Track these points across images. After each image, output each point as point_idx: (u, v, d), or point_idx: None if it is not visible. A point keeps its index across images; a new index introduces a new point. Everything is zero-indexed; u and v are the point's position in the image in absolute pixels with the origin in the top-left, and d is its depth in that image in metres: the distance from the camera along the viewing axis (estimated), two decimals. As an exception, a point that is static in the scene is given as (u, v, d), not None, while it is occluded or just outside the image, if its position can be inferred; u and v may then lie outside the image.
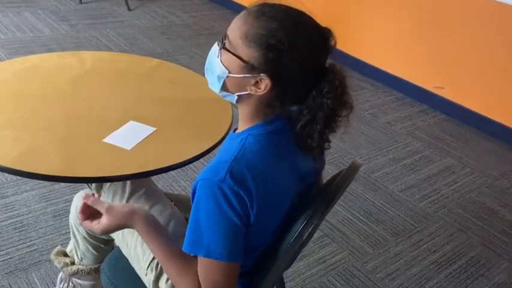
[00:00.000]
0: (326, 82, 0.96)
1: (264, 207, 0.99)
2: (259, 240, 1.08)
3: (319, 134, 0.98)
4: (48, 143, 1.29)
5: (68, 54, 1.81)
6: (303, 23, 0.96)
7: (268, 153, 1.00)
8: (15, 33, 3.78)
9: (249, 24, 0.95)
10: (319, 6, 1.04)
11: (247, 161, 0.97)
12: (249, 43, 0.94)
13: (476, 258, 2.23)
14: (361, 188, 2.59)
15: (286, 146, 1.04)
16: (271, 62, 0.94)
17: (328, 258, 2.11)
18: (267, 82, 0.95)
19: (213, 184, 0.94)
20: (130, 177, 1.28)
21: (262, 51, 0.93)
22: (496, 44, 3.14)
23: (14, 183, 2.25)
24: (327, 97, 0.96)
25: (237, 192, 0.94)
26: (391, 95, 3.72)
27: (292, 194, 1.07)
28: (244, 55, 0.95)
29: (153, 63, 1.81)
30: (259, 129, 1.02)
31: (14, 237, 1.96)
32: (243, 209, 0.95)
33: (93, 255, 1.56)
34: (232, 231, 0.96)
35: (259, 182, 0.96)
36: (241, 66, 0.96)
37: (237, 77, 0.98)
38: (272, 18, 0.94)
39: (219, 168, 0.95)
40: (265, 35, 0.93)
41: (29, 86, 1.54)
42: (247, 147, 0.99)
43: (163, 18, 4.54)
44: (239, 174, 0.95)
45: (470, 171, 2.89)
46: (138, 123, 1.41)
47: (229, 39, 0.97)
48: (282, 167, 1.03)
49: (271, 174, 1.00)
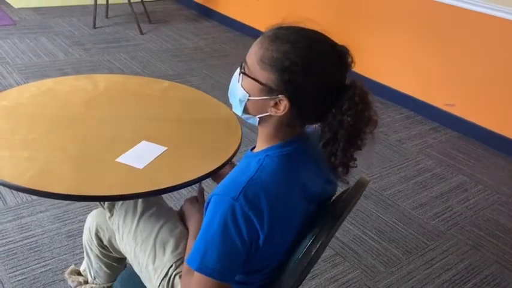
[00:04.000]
0: (345, 99, 0.97)
1: (275, 229, 1.00)
2: (270, 260, 1.09)
3: (342, 151, 0.99)
4: (62, 163, 1.32)
5: (82, 77, 1.86)
6: (317, 42, 0.99)
7: (283, 175, 1.02)
8: (32, 58, 3.89)
9: (264, 49, 0.98)
10: (327, 25, 1.06)
11: (263, 182, 0.98)
12: (265, 66, 0.98)
13: (491, 277, 2.20)
14: (373, 206, 2.58)
15: (300, 168, 1.05)
16: (288, 83, 0.96)
17: (340, 277, 2.10)
18: (285, 103, 0.98)
19: (225, 201, 0.96)
20: (142, 196, 1.30)
21: (278, 73, 0.96)
22: (506, 60, 3.14)
23: (29, 204, 2.29)
24: (347, 114, 0.96)
25: (247, 215, 0.95)
26: (401, 113, 3.73)
27: (304, 213, 1.08)
28: (262, 78, 0.98)
29: (165, 85, 1.85)
30: (276, 150, 1.04)
31: (29, 257, 1.99)
32: (249, 234, 0.97)
33: (106, 274, 1.57)
34: (231, 253, 0.98)
35: (272, 204, 0.98)
36: (260, 89, 1.00)
37: (257, 99, 1.01)
38: (286, 41, 0.97)
39: (234, 186, 0.97)
40: (280, 58, 0.96)
41: (44, 108, 1.59)
42: (265, 169, 1.00)
43: (174, 42, 4.63)
44: (253, 195, 0.96)
45: (483, 188, 2.87)
46: (150, 143, 1.44)
47: (248, 64, 1.01)
48: (295, 188, 1.04)
49: (284, 196, 1.01)
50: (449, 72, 3.47)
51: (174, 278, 1.26)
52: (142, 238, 1.34)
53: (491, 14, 3.11)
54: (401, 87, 3.79)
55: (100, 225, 1.49)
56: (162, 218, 1.37)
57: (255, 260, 1.04)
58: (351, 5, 3.97)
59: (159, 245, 1.31)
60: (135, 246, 1.34)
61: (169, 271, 1.27)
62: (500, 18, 3.08)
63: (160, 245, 1.31)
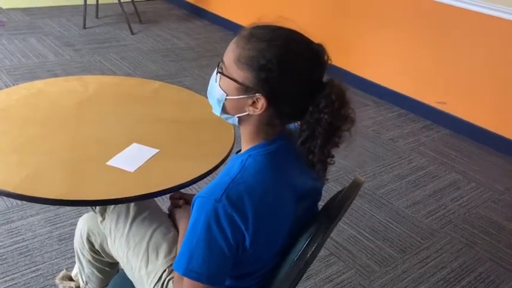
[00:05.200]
0: (322, 97, 0.97)
1: (262, 229, 0.99)
2: (260, 262, 1.07)
3: (319, 149, 0.99)
4: (52, 167, 1.30)
5: (72, 78, 1.84)
6: (293, 40, 0.98)
7: (268, 174, 1.01)
8: (21, 59, 3.84)
9: (240, 48, 0.98)
10: (320, 24, 1.05)
11: (246, 182, 0.97)
12: (242, 65, 0.97)
13: (486, 274, 2.20)
14: (367, 205, 2.58)
15: (287, 166, 1.04)
16: (264, 81, 0.96)
17: (335, 277, 2.09)
18: (262, 101, 0.97)
19: (208, 203, 0.95)
20: (134, 199, 1.28)
21: (254, 72, 0.96)
22: (497, 58, 3.15)
23: (19, 207, 2.26)
24: (324, 112, 0.96)
25: (230, 216, 0.94)
26: (393, 111, 3.73)
27: (293, 213, 1.07)
28: (238, 77, 0.98)
29: (156, 86, 1.83)
30: (259, 149, 1.03)
31: (20, 262, 1.96)
32: (234, 236, 0.96)
33: (98, 279, 1.55)
34: (217, 256, 0.96)
35: (256, 205, 0.97)
36: (237, 89, 0.99)
37: (234, 99, 1.00)
38: (262, 39, 0.96)
39: (216, 188, 0.96)
40: (256, 56, 0.95)
41: (34, 111, 1.56)
42: (247, 169, 0.99)
43: (166, 42, 4.61)
44: (236, 197, 0.95)
45: (475, 185, 2.88)
46: (141, 145, 1.42)
47: (225, 64, 1.01)
48: (281, 186, 1.03)
49: (270, 196, 1.00)
50: (441, 71, 3.47)
51: (167, 283, 1.24)
52: (135, 242, 1.32)
53: (482, 12, 3.12)
54: (393, 86, 3.79)
55: (91, 230, 1.47)
56: (155, 222, 1.35)
57: (244, 262, 1.03)
58: (344, 4, 3.97)
59: (152, 249, 1.29)
60: (128, 251, 1.32)
61: (162, 276, 1.25)
62: (491, 16, 3.09)
63: (153, 249, 1.29)
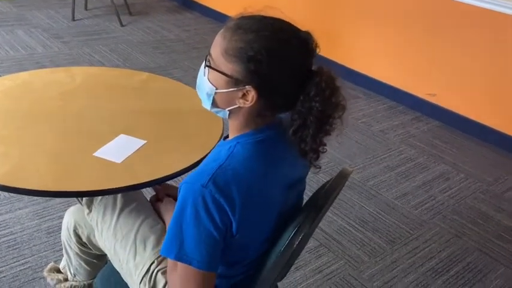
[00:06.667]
0: (312, 85, 0.96)
1: (249, 216, 0.98)
2: (248, 250, 1.07)
3: (311, 137, 0.98)
4: (38, 159, 1.29)
5: (58, 70, 1.82)
6: (280, 30, 0.97)
7: (256, 162, 1.00)
8: (8, 51, 3.79)
9: (227, 40, 0.96)
10: (310, 16, 1.04)
11: (233, 169, 0.97)
12: (230, 58, 0.95)
13: (473, 264, 2.22)
14: (356, 196, 2.58)
15: (275, 154, 1.04)
16: (253, 73, 0.94)
17: (325, 268, 2.10)
18: (253, 93, 0.96)
19: (195, 188, 0.95)
20: (121, 191, 1.28)
21: (243, 64, 0.94)
22: (485, 50, 3.17)
23: (7, 200, 2.24)
24: (315, 100, 0.95)
25: (217, 201, 0.94)
26: (383, 103, 3.74)
27: (281, 202, 1.06)
28: (227, 70, 0.96)
29: (143, 77, 1.82)
30: (248, 137, 1.02)
31: (8, 255, 1.94)
32: (222, 220, 0.95)
33: (86, 271, 1.55)
34: (208, 240, 0.96)
35: (243, 192, 0.96)
36: (226, 82, 0.97)
37: (224, 92, 0.99)
38: (249, 30, 0.95)
39: (203, 174, 0.95)
40: (244, 48, 0.94)
41: (19, 102, 1.54)
42: (235, 156, 0.99)
43: (155, 33, 4.57)
44: (223, 183, 0.95)
45: (464, 177, 2.90)
46: (128, 136, 1.41)
47: (212, 56, 0.99)
48: (270, 175, 1.03)
49: (257, 184, 1.00)
50: (430, 63, 3.48)
51: (156, 274, 1.23)
52: (122, 234, 1.31)
53: (473, 4, 3.13)
54: (383, 78, 3.80)
55: (78, 222, 1.46)
56: (143, 214, 1.34)
57: (232, 249, 1.03)
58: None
59: (139, 241, 1.29)
60: (115, 243, 1.31)
61: (150, 267, 1.24)
62: (482, 9, 3.10)
63: (141, 241, 1.29)
